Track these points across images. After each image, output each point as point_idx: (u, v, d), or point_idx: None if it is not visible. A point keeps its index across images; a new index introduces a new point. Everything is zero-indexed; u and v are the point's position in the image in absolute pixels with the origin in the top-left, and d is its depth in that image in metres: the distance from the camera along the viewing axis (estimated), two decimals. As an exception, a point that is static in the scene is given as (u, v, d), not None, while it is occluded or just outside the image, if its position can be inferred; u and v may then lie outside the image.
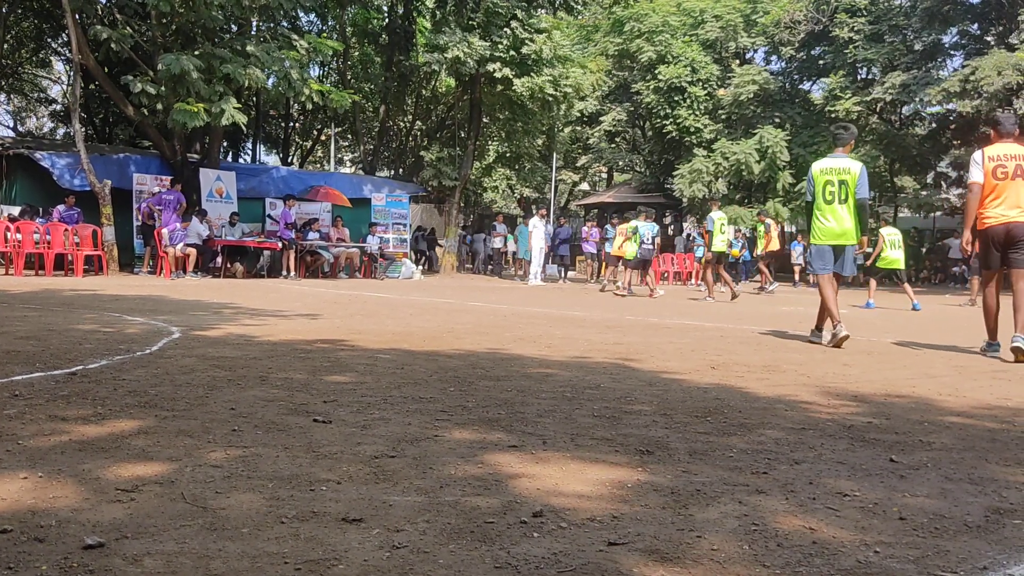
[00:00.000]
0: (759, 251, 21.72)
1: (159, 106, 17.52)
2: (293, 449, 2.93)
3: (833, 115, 28.38)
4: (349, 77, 28.99)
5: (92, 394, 3.80)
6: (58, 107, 34.98)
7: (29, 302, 9.25)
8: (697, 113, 30.64)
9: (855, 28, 28.42)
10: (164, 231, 17.24)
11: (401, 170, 30.49)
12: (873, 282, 15.69)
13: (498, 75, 23.31)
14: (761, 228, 21.22)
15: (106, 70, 20.23)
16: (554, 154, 31.63)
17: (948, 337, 8.54)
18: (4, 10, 23.47)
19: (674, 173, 30.25)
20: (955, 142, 29.40)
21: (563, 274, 24.75)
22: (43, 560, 1.85)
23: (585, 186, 44.19)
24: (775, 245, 21.36)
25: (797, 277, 25.59)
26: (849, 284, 27.13)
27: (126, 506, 2.24)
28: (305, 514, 2.23)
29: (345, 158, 39.54)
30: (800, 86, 32.95)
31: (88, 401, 3.64)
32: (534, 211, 38.48)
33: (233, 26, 20.04)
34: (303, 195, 21.93)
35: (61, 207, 17.64)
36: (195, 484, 2.47)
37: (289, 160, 33.55)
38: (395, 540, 2.05)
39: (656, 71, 30.44)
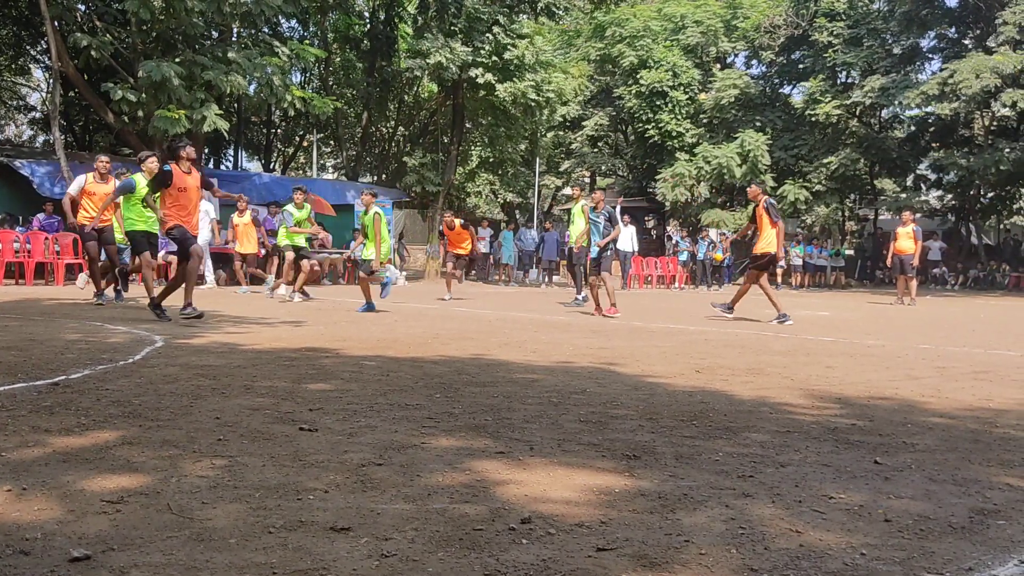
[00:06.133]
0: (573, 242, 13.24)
1: (140, 113, 17.41)
2: (279, 458, 2.92)
3: (813, 119, 28.58)
4: (331, 83, 28.92)
5: (75, 405, 3.77)
6: (38, 115, 34.66)
7: (10, 312, 9.16)
8: (679, 117, 30.75)
9: (834, 32, 28.63)
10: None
11: (384, 176, 30.41)
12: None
13: (480, 80, 23.33)
14: (576, 208, 13.09)
15: (86, 77, 20.07)
16: (537, 159, 31.65)
17: (930, 337, 8.61)
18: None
19: (656, 177, 30.34)
20: (934, 144, 29.66)
21: (547, 279, 24.74)
22: (29, 573, 1.83)
23: (568, 191, 44.31)
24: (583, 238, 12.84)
25: (780, 279, 25.73)
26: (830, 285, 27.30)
27: (111, 518, 2.22)
28: (292, 523, 2.22)
29: (328, 164, 39.43)
30: (781, 90, 33.14)
31: (71, 412, 3.61)
32: (517, 216, 38.53)
33: (214, 32, 19.96)
34: (288, 203, 21.81)
35: (41, 215, 17.49)
36: (181, 495, 2.45)
37: (271, 167, 33.40)
38: (383, 549, 2.04)
39: (638, 76, 30.53)
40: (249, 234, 16.43)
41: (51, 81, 20.81)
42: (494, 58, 23.24)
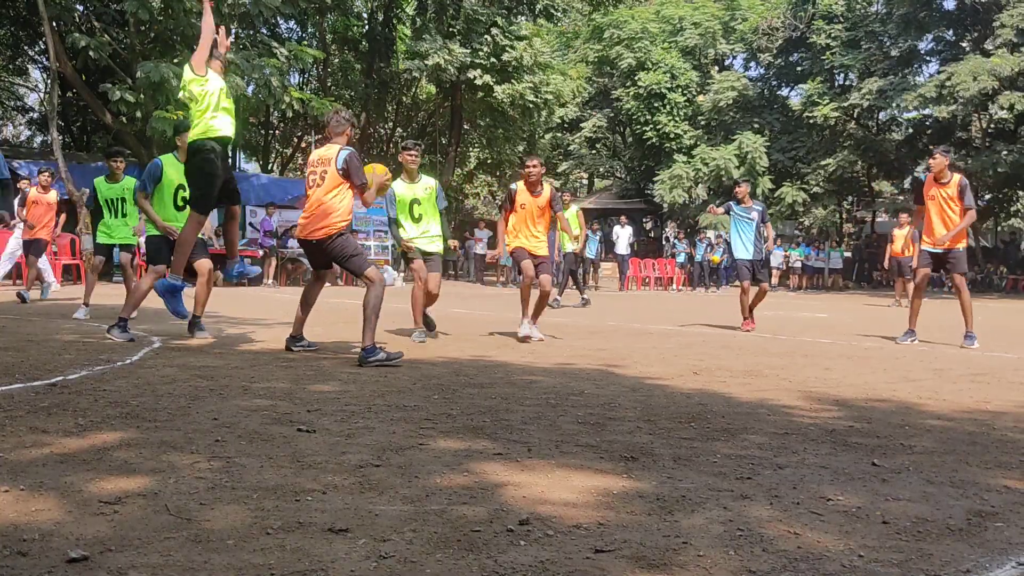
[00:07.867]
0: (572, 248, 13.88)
1: (138, 114, 17.39)
2: (277, 459, 2.91)
3: (811, 121, 28.60)
4: (329, 84, 28.91)
5: (73, 406, 3.77)
6: (35, 115, 34.64)
7: (7, 312, 9.15)
8: (677, 119, 30.77)
9: (832, 35, 28.66)
10: (141, 239, 17.08)
11: (382, 177, 30.40)
12: None
13: (478, 82, 23.34)
14: (569, 214, 12.57)
15: (84, 78, 20.06)
16: (535, 160, 31.66)
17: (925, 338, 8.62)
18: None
19: (655, 179, 30.36)
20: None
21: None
22: (26, 574, 1.83)
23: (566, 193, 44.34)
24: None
25: (777, 281, 25.73)
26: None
27: (109, 519, 2.22)
28: (290, 525, 2.22)
29: (326, 165, 39.40)
30: (779, 92, 33.17)
31: (69, 413, 3.60)
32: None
33: (212, 33, 19.94)
34: (288, 204, 21.82)
35: (39, 216, 17.44)
36: (179, 496, 2.45)
37: (269, 168, 33.39)
38: (381, 550, 2.04)
39: (636, 78, 30.55)
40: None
41: (49, 81, 20.81)
42: (492, 59, 23.26)
